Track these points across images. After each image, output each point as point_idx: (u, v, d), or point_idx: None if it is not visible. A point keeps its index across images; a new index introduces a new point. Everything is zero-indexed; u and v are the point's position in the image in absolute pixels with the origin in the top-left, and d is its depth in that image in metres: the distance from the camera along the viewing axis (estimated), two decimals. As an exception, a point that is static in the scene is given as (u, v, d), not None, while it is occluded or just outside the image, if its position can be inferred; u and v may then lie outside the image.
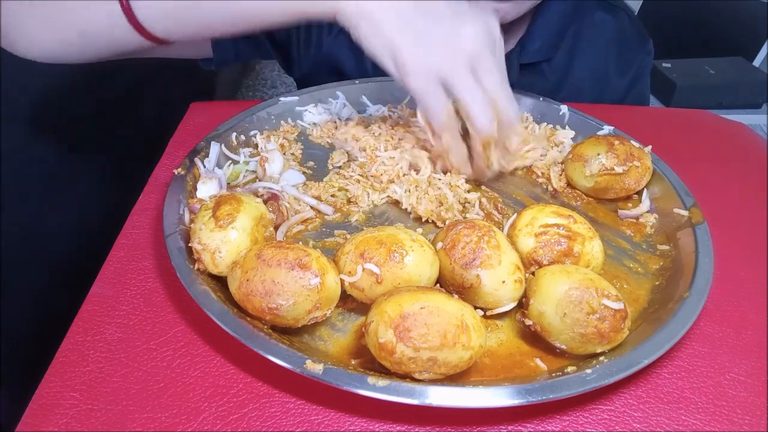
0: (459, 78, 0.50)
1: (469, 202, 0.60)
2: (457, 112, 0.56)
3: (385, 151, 0.65)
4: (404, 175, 0.63)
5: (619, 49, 0.89)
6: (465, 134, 0.58)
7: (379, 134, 0.68)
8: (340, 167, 0.67)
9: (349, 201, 0.62)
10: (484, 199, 0.61)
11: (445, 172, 0.62)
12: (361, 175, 0.64)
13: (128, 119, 1.04)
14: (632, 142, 0.61)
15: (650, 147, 0.62)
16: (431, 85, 0.51)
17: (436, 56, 0.50)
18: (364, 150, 0.67)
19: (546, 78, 0.88)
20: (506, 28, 0.83)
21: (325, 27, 0.84)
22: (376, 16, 0.50)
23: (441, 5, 0.52)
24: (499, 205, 0.61)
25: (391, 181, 0.63)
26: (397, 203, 0.61)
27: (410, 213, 0.60)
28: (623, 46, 0.89)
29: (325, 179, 0.64)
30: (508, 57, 0.85)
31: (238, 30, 0.59)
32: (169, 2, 0.55)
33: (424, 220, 0.59)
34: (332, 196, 0.62)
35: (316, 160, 0.69)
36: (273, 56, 0.89)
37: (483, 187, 0.63)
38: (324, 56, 0.85)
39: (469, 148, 0.59)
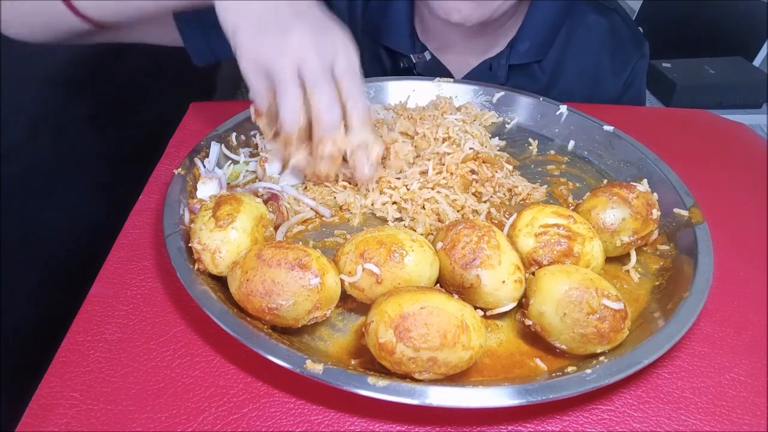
0: (278, 72, 0.52)
1: (476, 212, 0.59)
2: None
3: None
4: (395, 188, 0.61)
5: (612, 51, 0.89)
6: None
7: None
8: None
9: (341, 208, 0.61)
10: (492, 209, 0.59)
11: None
12: (347, 181, 0.62)
13: (128, 119, 1.04)
14: (637, 186, 0.54)
15: (645, 181, 0.59)
16: (255, 72, 0.54)
17: (263, 49, 0.53)
18: None
19: (537, 79, 0.88)
20: (495, 28, 0.83)
21: None
22: (230, 6, 0.54)
23: (290, 6, 0.54)
24: (503, 210, 0.60)
25: (381, 192, 0.61)
26: (395, 203, 0.61)
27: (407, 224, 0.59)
28: (616, 47, 0.89)
29: (313, 187, 0.62)
30: (498, 58, 0.85)
31: (146, 14, 0.64)
32: None
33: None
34: (327, 204, 0.60)
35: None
36: None
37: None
38: None
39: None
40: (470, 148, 0.64)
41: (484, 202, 0.62)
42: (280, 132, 0.57)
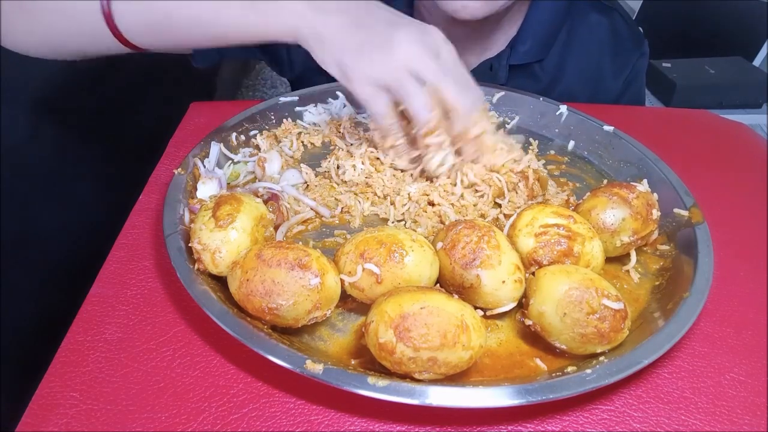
0: (397, 81, 0.54)
1: (483, 216, 0.59)
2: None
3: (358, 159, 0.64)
4: (397, 193, 0.60)
5: (614, 51, 0.89)
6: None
7: (352, 144, 0.67)
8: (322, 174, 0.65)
9: (342, 210, 0.60)
10: (501, 216, 0.59)
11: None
12: (344, 182, 0.62)
13: (128, 119, 1.04)
14: (637, 186, 0.54)
15: (645, 181, 0.58)
16: (373, 92, 0.56)
17: (375, 66, 0.54)
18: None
19: (538, 79, 0.88)
20: (494, 26, 0.83)
21: None
22: (325, 36, 0.55)
23: (377, 18, 0.56)
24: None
25: (385, 196, 0.61)
26: (392, 203, 0.61)
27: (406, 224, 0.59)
28: (618, 47, 0.89)
29: (314, 187, 0.63)
30: (498, 58, 0.85)
31: (209, 45, 0.64)
32: (145, 16, 0.59)
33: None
34: (327, 206, 0.60)
35: (315, 160, 0.69)
36: (260, 56, 0.89)
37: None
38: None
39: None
40: (528, 165, 0.62)
41: (498, 205, 0.60)
42: (395, 139, 0.60)
